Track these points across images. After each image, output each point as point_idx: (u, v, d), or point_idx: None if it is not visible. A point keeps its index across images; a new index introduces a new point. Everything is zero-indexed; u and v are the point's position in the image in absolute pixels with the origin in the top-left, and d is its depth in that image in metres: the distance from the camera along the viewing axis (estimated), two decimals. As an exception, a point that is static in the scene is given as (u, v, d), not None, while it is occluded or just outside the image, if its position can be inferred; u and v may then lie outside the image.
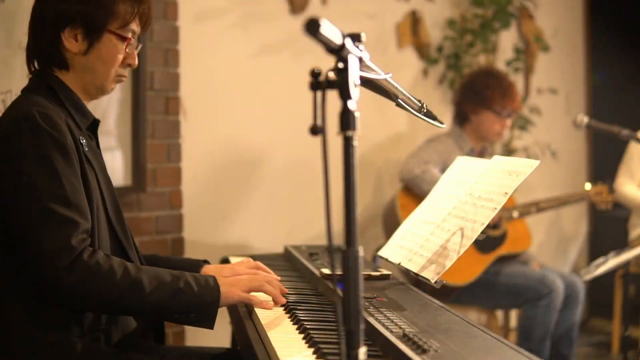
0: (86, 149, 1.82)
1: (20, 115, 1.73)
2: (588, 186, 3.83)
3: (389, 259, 2.16)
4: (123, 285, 1.69)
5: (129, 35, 1.89)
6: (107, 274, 1.67)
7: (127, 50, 1.89)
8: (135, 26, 1.90)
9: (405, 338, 1.52)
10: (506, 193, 1.93)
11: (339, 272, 1.24)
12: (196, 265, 2.12)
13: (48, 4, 1.86)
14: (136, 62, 1.94)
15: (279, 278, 2.04)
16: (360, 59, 1.30)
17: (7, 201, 1.71)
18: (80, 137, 1.82)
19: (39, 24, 1.87)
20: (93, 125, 1.94)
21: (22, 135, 1.71)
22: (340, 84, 1.23)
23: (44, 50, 1.87)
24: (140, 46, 1.95)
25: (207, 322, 1.78)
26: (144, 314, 1.82)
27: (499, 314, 4.09)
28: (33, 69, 1.92)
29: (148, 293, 1.71)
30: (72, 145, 1.75)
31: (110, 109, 3.16)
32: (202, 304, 1.76)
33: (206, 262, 2.16)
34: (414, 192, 3.47)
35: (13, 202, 1.70)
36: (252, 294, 1.86)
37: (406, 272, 2.08)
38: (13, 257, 1.73)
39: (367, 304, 1.81)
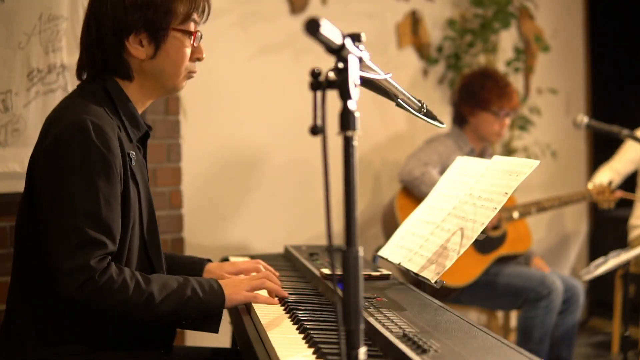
0: (133, 164, 1.79)
1: (75, 122, 1.69)
2: (590, 185, 3.82)
3: (389, 259, 2.16)
4: (135, 299, 1.69)
5: (193, 28, 1.86)
6: (119, 289, 1.67)
7: (194, 44, 1.87)
8: (196, 16, 1.86)
9: (405, 338, 1.52)
10: (506, 193, 1.93)
11: (339, 272, 1.24)
12: (199, 264, 2.14)
13: (104, 17, 1.80)
14: (204, 55, 1.91)
15: (277, 273, 2.07)
16: (360, 59, 1.30)
17: (43, 205, 1.70)
18: (130, 152, 1.79)
19: (95, 37, 1.82)
20: (144, 136, 1.92)
21: (72, 146, 1.68)
22: (340, 84, 1.23)
23: (109, 61, 1.82)
24: (201, 37, 1.90)
25: (212, 326, 1.80)
26: (153, 323, 1.82)
27: (499, 314, 4.09)
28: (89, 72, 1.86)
29: (158, 304, 1.72)
30: (119, 163, 1.72)
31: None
32: (208, 310, 1.78)
33: (210, 261, 2.17)
34: (413, 193, 3.47)
35: (47, 209, 1.69)
36: (255, 292, 1.88)
37: (406, 272, 2.08)
38: (38, 265, 1.73)
39: (367, 304, 1.81)
